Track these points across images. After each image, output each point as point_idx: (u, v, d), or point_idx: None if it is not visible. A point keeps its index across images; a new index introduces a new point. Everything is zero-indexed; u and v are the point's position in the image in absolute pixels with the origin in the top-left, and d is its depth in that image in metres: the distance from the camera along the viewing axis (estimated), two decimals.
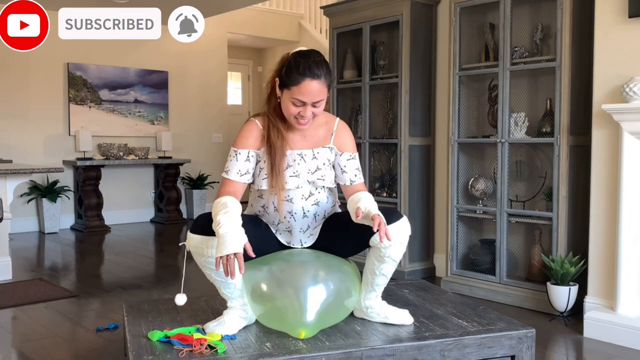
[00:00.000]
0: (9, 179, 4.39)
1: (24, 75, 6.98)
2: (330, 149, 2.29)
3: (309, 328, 2.08)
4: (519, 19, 3.98)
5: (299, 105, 2.14)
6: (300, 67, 2.10)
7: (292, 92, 2.12)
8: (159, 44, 8.00)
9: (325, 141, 2.29)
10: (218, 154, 8.65)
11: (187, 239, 2.15)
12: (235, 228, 2.00)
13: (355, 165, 2.32)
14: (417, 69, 4.59)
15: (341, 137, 2.31)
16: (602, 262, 3.36)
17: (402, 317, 2.27)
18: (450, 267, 4.25)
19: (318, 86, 2.11)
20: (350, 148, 2.32)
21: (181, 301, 2.20)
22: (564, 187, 3.64)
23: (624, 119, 3.15)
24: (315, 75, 2.10)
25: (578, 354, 3.12)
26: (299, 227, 2.29)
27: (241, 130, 2.27)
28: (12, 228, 6.70)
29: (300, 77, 2.10)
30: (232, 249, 1.94)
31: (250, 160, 2.23)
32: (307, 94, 2.11)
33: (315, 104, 2.14)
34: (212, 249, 2.07)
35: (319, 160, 2.27)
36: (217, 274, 2.12)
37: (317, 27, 9.27)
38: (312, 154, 2.26)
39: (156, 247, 6.27)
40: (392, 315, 2.27)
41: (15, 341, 3.23)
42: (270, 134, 2.22)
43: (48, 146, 7.18)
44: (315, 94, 2.12)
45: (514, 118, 3.89)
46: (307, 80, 2.10)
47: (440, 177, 4.73)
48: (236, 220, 2.03)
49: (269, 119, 2.24)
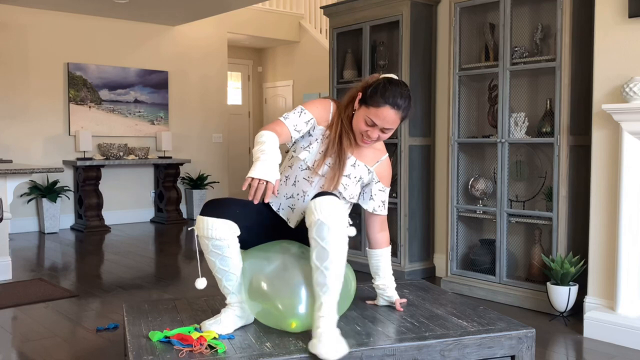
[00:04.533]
0: (9, 179, 4.39)
1: (24, 75, 6.98)
2: (369, 171, 2.39)
3: (300, 319, 2.09)
4: (519, 19, 3.98)
5: (369, 125, 2.24)
6: (387, 93, 2.20)
7: (370, 111, 2.22)
8: (159, 44, 8.01)
9: (369, 162, 2.39)
10: (218, 154, 8.66)
11: (196, 222, 2.18)
12: (275, 160, 2.07)
13: (383, 197, 2.45)
14: (417, 69, 4.59)
15: (383, 169, 2.43)
16: (602, 262, 3.36)
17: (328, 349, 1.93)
18: (450, 267, 4.25)
19: (394, 116, 2.22)
20: (386, 182, 2.44)
21: (201, 285, 2.23)
22: (564, 187, 3.64)
23: (624, 119, 3.15)
24: (397, 105, 2.21)
25: (578, 354, 3.12)
26: (301, 210, 2.32)
27: (317, 100, 2.38)
28: (12, 228, 6.71)
29: (383, 101, 2.20)
30: (267, 176, 2.01)
31: (308, 124, 2.30)
32: (382, 119, 2.21)
33: (385, 129, 2.24)
34: (217, 231, 2.10)
35: (354, 171, 2.35)
36: (221, 263, 2.14)
37: (317, 27, 9.27)
38: (353, 162, 2.35)
39: (156, 247, 6.27)
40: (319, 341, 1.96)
41: (15, 341, 3.23)
42: (339, 131, 2.30)
43: (48, 146, 7.18)
44: (389, 121, 2.22)
45: (514, 118, 3.90)
46: (388, 107, 2.20)
47: (440, 177, 4.73)
48: (277, 154, 2.10)
49: (341, 120, 2.33)
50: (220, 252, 2.13)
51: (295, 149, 2.36)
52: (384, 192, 2.44)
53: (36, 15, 7.03)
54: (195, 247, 2.22)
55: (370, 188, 2.42)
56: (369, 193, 2.42)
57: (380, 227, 2.48)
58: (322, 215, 2.00)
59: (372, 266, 2.51)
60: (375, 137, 2.25)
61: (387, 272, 2.49)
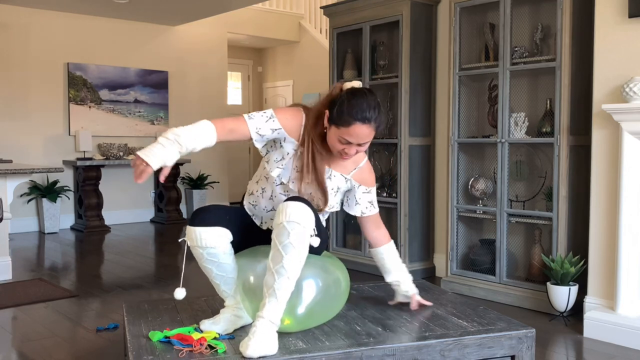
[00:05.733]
0: (9, 179, 4.39)
1: (24, 75, 6.98)
2: (346, 179, 2.32)
3: (294, 317, 2.10)
4: (519, 19, 3.98)
5: (344, 143, 2.14)
6: (353, 111, 2.08)
7: (341, 131, 2.11)
8: (159, 44, 8.01)
9: (345, 170, 2.31)
10: (218, 154, 8.65)
11: (186, 233, 2.17)
12: (173, 150, 1.96)
13: (369, 198, 2.37)
14: (417, 69, 4.59)
15: (362, 174, 2.35)
16: (602, 262, 3.36)
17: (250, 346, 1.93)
18: (450, 267, 4.25)
19: (367, 130, 2.11)
20: (368, 183, 2.36)
21: (180, 295, 2.19)
22: (564, 187, 3.64)
23: (624, 119, 3.15)
24: (366, 119, 2.09)
25: (578, 354, 3.12)
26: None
27: (288, 110, 2.23)
28: (12, 228, 6.70)
29: (351, 119, 2.09)
30: (150, 160, 1.91)
31: (274, 133, 2.17)
32: (355, 136, 2.10)
33: (362, 144, 2.15)
34: (211, 240, 2.10)
35: (331, 182, 2.28)
36: (218, 269, 2.16)
37: (317, 27, 9.27)
38: (329, 174, 2.28)
39: (156, 247, 6.27)
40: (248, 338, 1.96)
41: (15, 341, 3.23)
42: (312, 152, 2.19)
43: (48, 146, 7.18)
44: (363, 137, 2.12)
45: (514, 118, 3.90)
46: (358, 125, 2.09)
47: (440, 177, 4.73)
48: (185, 145, 1.98)
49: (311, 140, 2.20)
50: (216, 259, 2.15)
51: (268, 159, 2.26)
52: (370, 193, 2.38)
53: (36, 15, 7.03)
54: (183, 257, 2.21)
55: (353, 194, 2.36)
56: (353, 199, 2.36)
57: (375, 226, 2.43)
58: (285, 220, 1.99)
59: (379, 265, 2.47)
60: (354, 152, 2.17)
61: (396, 266, 2.44)
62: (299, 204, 2.01)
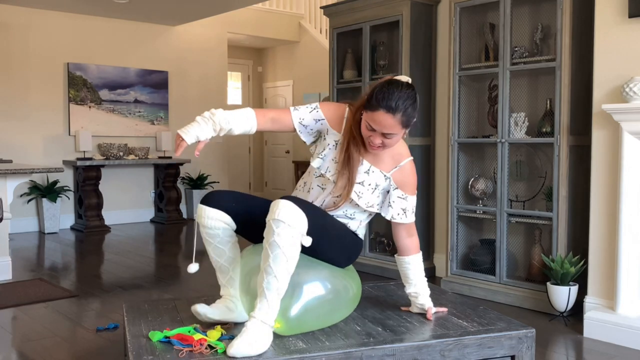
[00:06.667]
0: (9, 179, 4.39)
1: (24, 75, 6.98)
2: (386, 177, 2.27)
3: (285, 321, 2.08)
4: (519, 19, 3.98)
5: (370, 130, 2.13)
6: (381, 96, 2.08)
7: (368, 116, 2.12)
8: (159, 44, 8.01)
9: (385, 167, 2.27)
10: (218, 153, 8.65)
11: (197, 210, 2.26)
12: (207, 128, 2.13)
13: (403, 205, 2.28)
14: (417, 69, 4.59)
15: (403, 174, 2.28)
16: (602, 262, 3.36)
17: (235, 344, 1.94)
18: (450, 267, 4.25)
19: (390, 120, 2.08)
20: (407, 189, 2.29)
21: (193, 269, 2.25)
22: (564, 187, 3.64)
23: (624, 119, 3.15)
24: (390, 108, 2.07)
25: (578, 354, 3.12)
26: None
27: (333, 103, 2.32)
28: (12, 228, 6.71)
29: (377, 105, 2.08)
30: (185, 135, 2.09)
31: (317, 123, 2.27)
32: (378, 123, 2.09)
33: (386, 135, 2.12)
34: (209, 220, 2.17)
35: (368, 178, 2.25)
36: (214, 252, 2.24)
37: (317, 27, 9.27)
38: (367, 168, 2.25)
39: (156, 247, 6.27)
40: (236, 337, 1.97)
41: (15, 341, 3.23)
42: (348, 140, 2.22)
43: (48, 146, 7.18)
44: (385, 126, 2.09)
45: (514, 118, 3.90)
46: (382, 112, 2.07)
47: (440, 177, 4.73)
48: (220, 124, 2.13)
49: (350, 126, 2.24)
50: (212, 240, 2.21)
51: (313, 152, 2.31)
52: (405, 200, 2.28)
53: (36, 15, 7.03)
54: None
55: (389, 195, 2.28)
56: (387, 200, 2.28)
57: (408, 234, 2.35)
58: (272, 217, 1.99)
59: (402, 274, 2.40)
60: (378, 142, 2.13)
61: (418, 279, 2.37)
62: (288, 203, 2.00)
